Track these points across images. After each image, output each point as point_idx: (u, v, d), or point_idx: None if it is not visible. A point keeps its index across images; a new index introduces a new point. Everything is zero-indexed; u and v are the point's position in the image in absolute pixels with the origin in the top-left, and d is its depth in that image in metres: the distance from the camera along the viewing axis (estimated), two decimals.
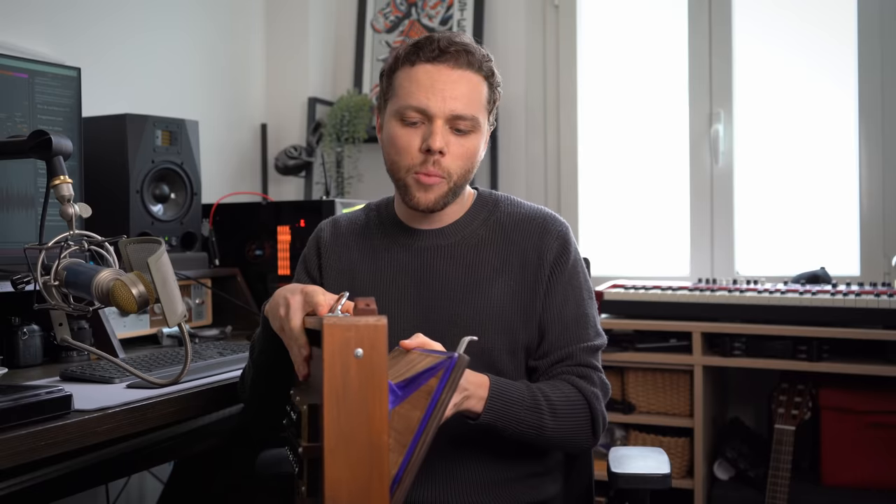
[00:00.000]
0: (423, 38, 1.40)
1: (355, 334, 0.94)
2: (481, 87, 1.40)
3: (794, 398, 2.49)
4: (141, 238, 1.34)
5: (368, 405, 0.94)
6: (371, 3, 3.32)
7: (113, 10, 2.55)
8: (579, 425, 1.37)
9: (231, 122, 3.10)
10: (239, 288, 2.28)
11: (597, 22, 3.22)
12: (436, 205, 1.41)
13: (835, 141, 2.92)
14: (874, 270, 2.80)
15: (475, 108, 1.39)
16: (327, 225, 1.58)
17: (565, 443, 1.39)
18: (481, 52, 1.41)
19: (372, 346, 0.94)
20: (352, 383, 0.93)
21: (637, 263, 3.12)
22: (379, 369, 0.95)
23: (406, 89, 1.38)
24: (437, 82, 1.37)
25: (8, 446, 1.12)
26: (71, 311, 1.36)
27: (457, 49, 1.37)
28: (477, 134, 1.41)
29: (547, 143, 3.22)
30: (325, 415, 0.92)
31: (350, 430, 0.93)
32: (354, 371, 0.93)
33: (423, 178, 1.39)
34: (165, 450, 1.65)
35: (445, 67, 1.37)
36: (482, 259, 1.45)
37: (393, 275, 1.47)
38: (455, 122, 1.38)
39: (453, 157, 1.39)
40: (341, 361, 0.93)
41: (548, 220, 1.48)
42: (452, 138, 1.39)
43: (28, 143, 1.41)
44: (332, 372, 0.93)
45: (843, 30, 2.87)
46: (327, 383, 0.93)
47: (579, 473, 1.61)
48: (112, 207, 2.01)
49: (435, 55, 1.37)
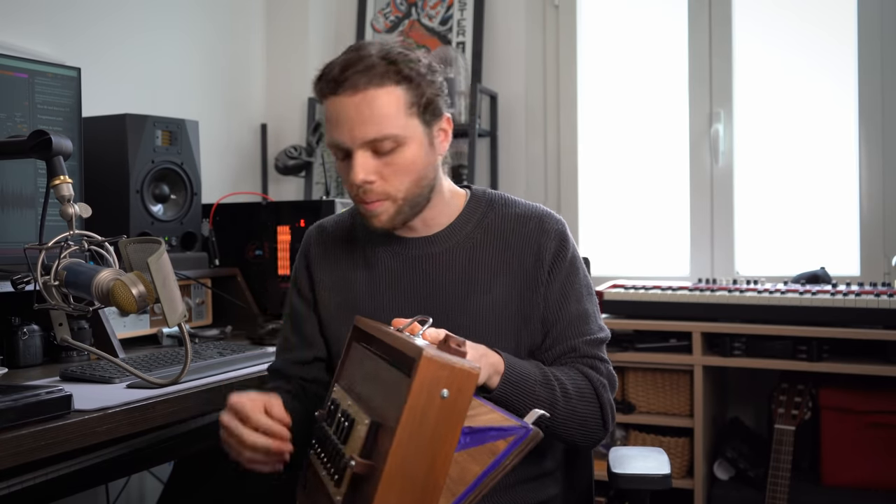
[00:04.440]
0: (324, 67, 1.35)
1: (448, 375, 0.95)
2: (393, 96, 1.31)
3: (794, 398, 2.49)
4: (141, 238, 1.34)
5: (437, 445, 0.96)
6: (371, 3, 3.32)
7: (113, 10, 2.55)
8: (589, 411, 1.35)
9: (231, 122, 3.10)
10: (239, 288, 2.28)
11: (597, 22, 3.22)
12: (390, 225, 1.38)
13: (835, 141, 2.92)
14: (874, 270, 2.80)
15: (389, 124, 1.31)
16: (313, 236, 1.55)
17: (576, 430, 1.35)
18: (383, 59, 1.32)
19: (459, 391, 0.96)
20: (429, 420, 0.95)
21: (637, 263, 3.12)
22: (459, 415, 0.96)
23: (325, 125, 1.37)
24: (340, 115, 1.32)
25: (8, 446, 1.12)
26: (71, 311, 1.36)
27: (351, 73, 1.30)
28: (405, 146, 1.33)
29: (547, 143, 3.22)
30: (395, 441, 0.93)
31: (412, 464, 0.95)
32: (436, 409, 0.95)
33: (366, 207, 1.37)
34: (165, 450, 1.65)
35: (345, 97, 1.31)
36: (478, 263, 1.43)
37: (388, 283, 1.45)
38: (374, 146, 1.32)
39: (387, 178, 1.34)
40: (427, 396, 0.94)
41: (544, 219, 1.45)
42: (377, 162, 1.33)
43: (28, 143, 1.41)
44: (415, 402, 0.94)
45: (843, 30, 2.87)
46: (408, 412, 0.94)
47: (579, 474, 1.60)
48: (112, 207, 2.01)
49: (332, 88, 1.32)
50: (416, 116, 1.34)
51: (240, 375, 1.59)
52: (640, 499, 1.48)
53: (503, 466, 1.04)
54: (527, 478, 1.42)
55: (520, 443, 1.04)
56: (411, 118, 1.33)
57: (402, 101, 1.32)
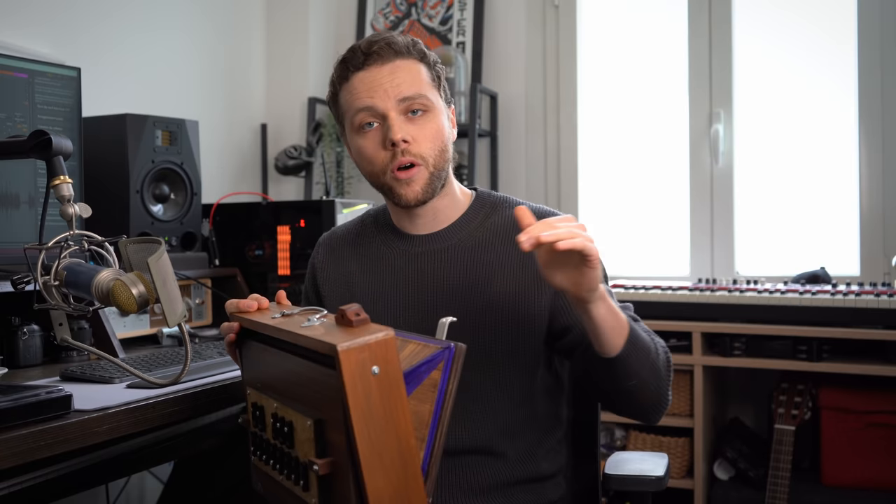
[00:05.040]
0: (347, 52, 1.42)
1: (369, 354, 0.95)
2: (418, 67, 1.40)
3: (794, 398, 2.49)
4: (141, 238, 1.34)
5: (394, 416, 0.96)
6: (371, 3, 3.32)
7: (113, 10, 2.55)
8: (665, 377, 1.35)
9: (231, 122, 3.10)
10: (239, 288, 2.28)
11: (597, 22, 3.22)
12: (424, 195, 1.40)
13: (835, 141, 2.92)
14: (874, 270, 2.80)
15: (420, 86, 1.38)
16: (322, 240, 1.60)
17: (665, 387, 1.34)
18: (405, 39, 1.41)
19: (386, 361, 0.96)
20: (374, 401, 0.95)
21: (637, 263, 3.12)
22: (396, 381, 0.96)
23: (351, 102, 1.39)
24: (374, 82, 1.37)
25: (8, 446, 1.12)
26: (71, 311, 1.35)
27: (379, 46, 1.38)
28: (434, 112, 1.40)
29: (547, 143, 3.22)
30: (356, 435, 0.94)
31: (381, 443, 0.96)
32: (375, 389, 0.95)
33: (400, 175, 1.38)
34: (165, 450, 1.64)
35: (375, 67, 1.37)
36: (481, 261, 1.43)
37: (391, 281, 1.46)
38: (407, 106, 1.37)
39: (420, 141, 1.38)
40: (362, 382, 0.94)
41: (547, 217, 1.46)
42: (411, 126, 1.38)
43: (28, 143, 1.41)
44: (353, 392, 0.94)
45: (843, 30, 2.87)
46: (353, 407, 0.94)
47: (584, 476, 1.60)
48: (112, 207, 2.01)
49: (361, 61, 1.38)
50: (438, 90, 1.43)
51: (240, 375, 1.58)
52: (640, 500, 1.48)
53: (449, 393, 1.05)
54: (528, 482, 1.42)
55: (451, 364, 1.06)
56: (434, 90, 1.41)
57: (425, 73, 1.41)
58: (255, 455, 1.23)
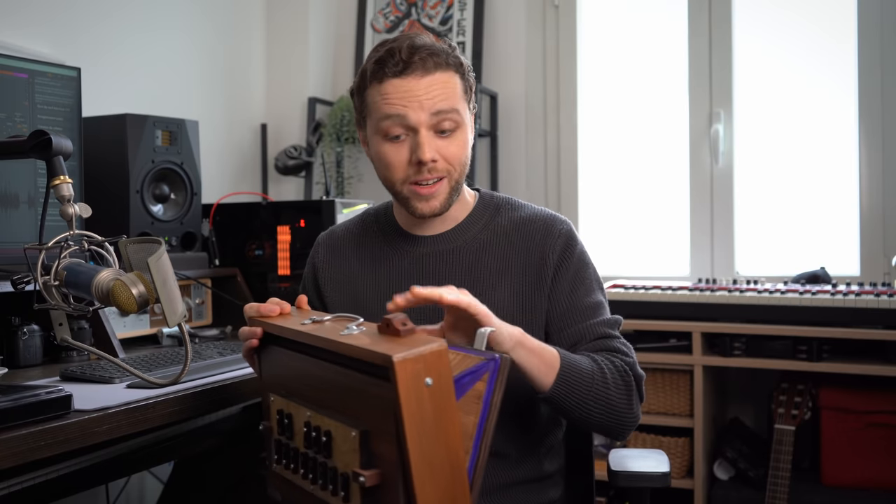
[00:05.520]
0: (385, 52, 1.37)
1: (424, 365, 0.94)
2: (454, 80, 1.38)
3: (794, 398, 2.49)
4: (141, 238, 1.34)
5: (445, 428, 0.96)
6: (371, 3, 3.32)
7: (113, 10, 2.55)
8: (621, 397, 1.34)
9: (231, 122, 3.10)
10: (239, 288, 2.28)
11: (597, 22, 3.22)
12: (442, 209, 1.41)
13: (835, 141, 2.92)
14: (874, 270, 2.80)
15: (454, 101, 1.37)
16: (322, 240, 1.58)
17: (605, 417, 1.33)
18: (444, 47, 1.39)
19: (439, 373, 0.95)
20: (427, 413, 0.94)
21: (637, 263, 3.12)
22: (448, 392, 0.96)
23: (381, 106, 1.37)
24: (409, 93, 1.35)
25: (8, 446, 1.12)
26: (71, 311, 1.35)
27: (420, 57, 1.35)
28: (462, 128, 1.39)
29: (547, 143, 3.22)
30: (409, 447, 0.93)
31: (432, 455, 0.95)
32: (428, 400, 0.94)
33: (422, 191, 1.38)
34: (165, 450, 1.65)
35: (413, 78, 1.35)
36: (483, 263, 1.44)
37: (394, 282, 1.46)
38: (439, 123, 1.36)
39: (448, 157, 1.38)
40: (416, 393, 0.94)
41: (549, 222, 1.47)
42: (440, 142, 1.37)
43: (28, 143, 1.41)
44: (408, 404, 0.93)
45: (843, 30, 2.87)
46: (408, 419, 0.93)
47: (580, 476, 1.61)
48: (112, 207, 2.01)
49: (400, 69, 1.35)
50: (467, 103, 1.42)
51: (240, 375, 1.58)
52: (640, 498, 1.48)
53: (494, 405, 1.04)
54: (527, 482, 1.42)
55: (496, 376, 1.05)
56: (465, 104, 1.41)
57: (460, 87, 1.40)
58: (280, 464, 1.19)
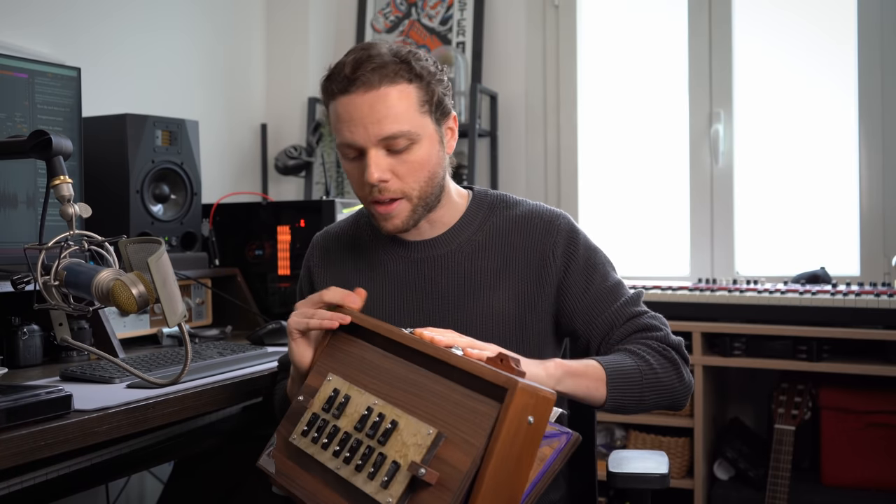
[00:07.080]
0: (334, 66, 1.34)
1: (534, 402, 0.98)
2: (406, 93, 1.31)
3: (794, 398, 2.49)
4: (141, 238, 1.34)
5: (520, 466, 0.99)
6: (371, 3, 3.32)
7: (113, 10, 2.55)
8: (672, 378, 1.37)
9: (231, 122, 3.10)
10: (239, 288, 2.28)
11: (597, 22, 3.22)
12: (404, 227, 1.38)
13: (835, 141, 2.92)
14: (874, 270, 2.80)
15: (404, 121, 1.30)
16: (317, 242, 1.57)
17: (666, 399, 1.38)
18: (394, 57, 1.31)
19: (541, 417, 0.99)
20: (517, 445, 0.98)
21: (637, 263, 3.12)
22: (537, 437, 1.00)
23: (335, 126, 1.35)
24: (354, 114, 1.30)
25: (8, 446, 1.12)
26: (71, 311, 1.35)
27: (363, 71, 1.29)
28: (419, 143, 1.33)
29: (547, 142, 3.22)
30: (489, 468, 0.96)
31: (501, 484, 0.98)
32: (523, 435, 0.98)
33: (380, 210, 1.36)
34: (165, 450, 1.65)
35: (357, 95, 1.30)
36: (480, 266, 1.42)
37: (390, 287, 1.45)
38: (388, 144, 1.31)
39: (401, 177, 1.33)
40: (517, 424, 0.98)
41: (546, 219, 1.44)
42: (392, 160, 1.32)
43: (28, 143, 1.41)
44: (508, 430, 0.97)
45: (843, 30, 2.87)
46: (501, 443, 0.97)
47: (582, 476, 1.60)
48: (112, 207, 2.01)
49: (344, 86, 1.31)
50: (428, 114, 1.34)
51: (240, 375, 1.59)
52: (641, 499, 1.48)
53: (552, 471, 1.07)
54: None
55: (564, 447, 1.08)
56: (423, 116, 1.34)
57: (415, 98, 1.32)
58: (305, 436, 1.19)
